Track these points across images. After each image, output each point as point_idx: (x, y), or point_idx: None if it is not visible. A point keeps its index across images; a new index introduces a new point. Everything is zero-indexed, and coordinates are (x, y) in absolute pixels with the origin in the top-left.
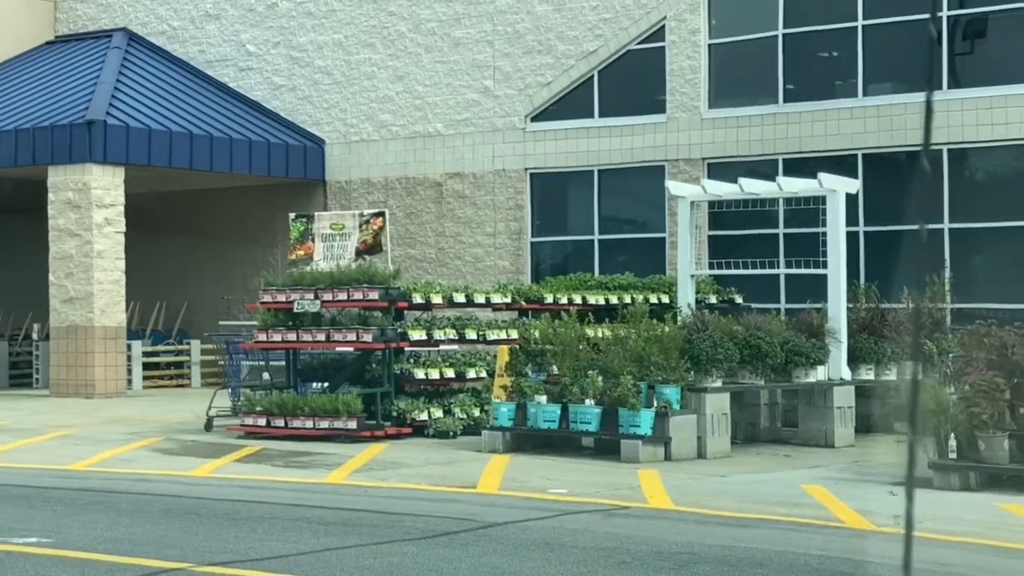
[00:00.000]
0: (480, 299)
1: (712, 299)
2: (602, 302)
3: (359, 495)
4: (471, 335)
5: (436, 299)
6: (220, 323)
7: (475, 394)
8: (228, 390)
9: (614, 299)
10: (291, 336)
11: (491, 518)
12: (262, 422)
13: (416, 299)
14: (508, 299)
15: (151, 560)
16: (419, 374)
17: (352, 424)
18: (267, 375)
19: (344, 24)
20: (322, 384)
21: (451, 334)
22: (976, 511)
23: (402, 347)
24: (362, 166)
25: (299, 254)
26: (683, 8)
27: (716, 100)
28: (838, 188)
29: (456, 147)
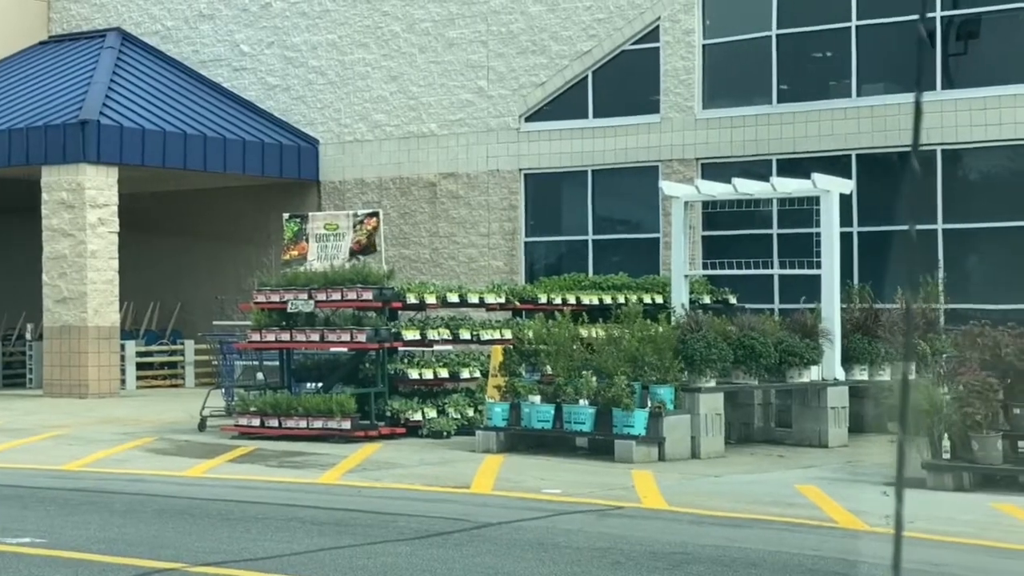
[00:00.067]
0: (474, 299)
1: (706, 299)
2: (596, 302)
3: (353, 495)
4: (465, 335)
5: (430, 299)
6: (214, 323)
7: (469, 394)
8: (222, 390)
9: (608, 299)
10: (285, 336)
11: (485, 518)
12: (256, 422)
13: (410, 299)
14: (502, 299)
15: (144, 560)
16: (413, 374)
17: (346, 424)
18: (261, 375)
19: (338, 24)
20: (316, 384)
21: (445, 334)
22: (970, 511)
23: (396, 347)
24: (356, 166)
25: (293, 254)
26: (677, 8)
27: (710, 100)
28: (832, 188)
29: (450, 147)
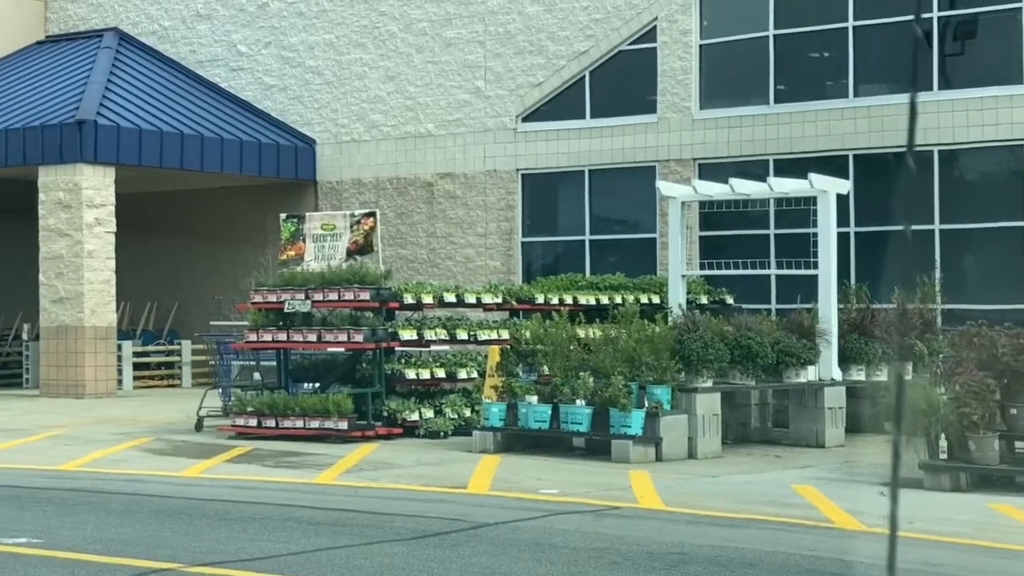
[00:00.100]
0: (471, 299)
1: (703, 299)
2: (593, 302)
3: (350, 495)
4: (462, 335)
5: (427, 299)
6: (211, 323)
7: (466, 394)
8: (219, 390)
9: (605, 299)
10: (282, 336)
11: (482, 518)
12: (253, 422)
13: (407, 299)
14: (499, 299)
15: (141, 560)
16: (410, 374)
17: (343, 424)
18: (258, 375)
19: (335, 24)
20: (313, 384)
21: (442, 334)
22: (966, 511)
23: (393, 347)
24: (353, 166)
25: (290, 254)
26: (674, 9)
27: (707, 101)
28: (829, 189)
29: (447, 147)
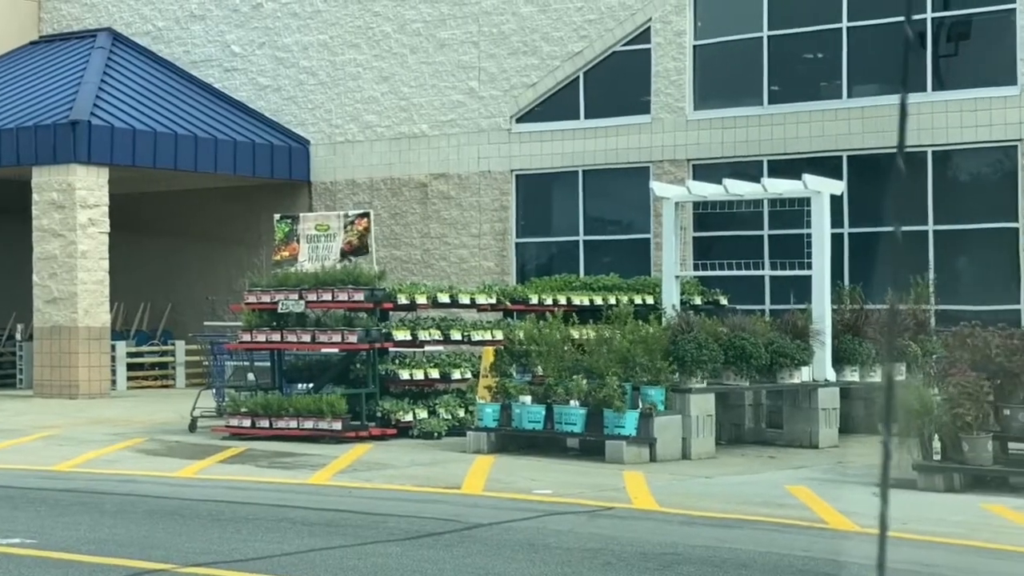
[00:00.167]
0: (465, 300)
1: (697, 300)
2: (587, 303)
3: (343, 496)
4: (456, 336)
5: (421, 300)
6: (205, 324)
7: (460, 395)
8: (212, 391)
9: (599, 300)
10: (276, 337)
11: (475, 519)
12: (247, 423)
13: (401, 300)
14: (493, 300)
15: (135, 561)
16: (404, 375)
17: (337, 425)
18: (252, 376)
19: (329, 25)
20: (307, 385)
21: (436, 335)
22: (960, 512)
23: (387, 348)
24: (347, 167)
25: (284, 255)
26: (668, 10)
27: (701, 101)
28: (823, 189)
29: (441, 148)
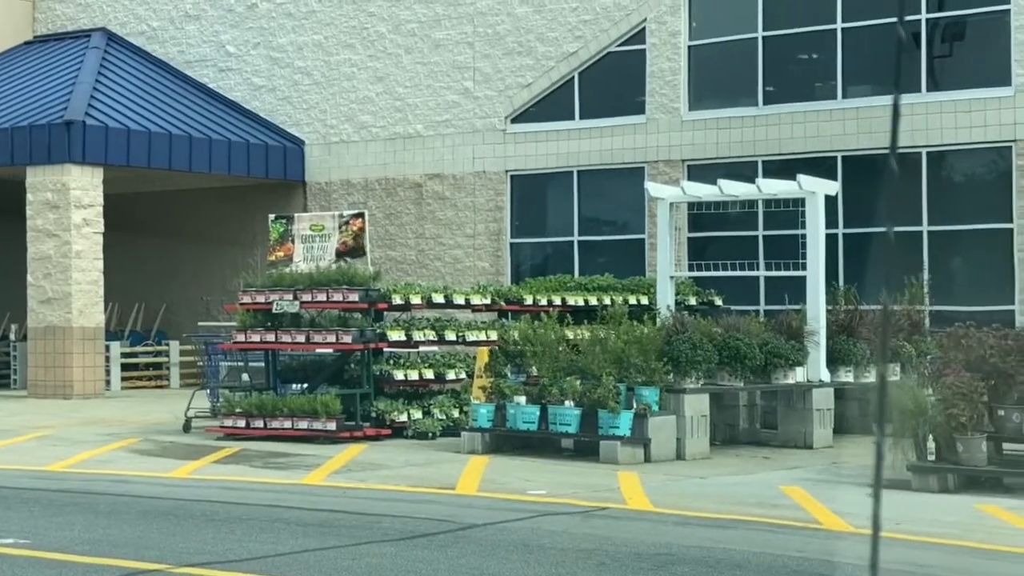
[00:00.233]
0: (460, 300)
1: (691, 301)
2: (581, 303)
3: (338, 496)
4: (451, 336)
5: (416, 300)
6: (199, 324)
7: (454, 395)
8: (207, 391)
9: (593, 300)
10: (270, 337)
11: (470, 519)
12: (241, 423)
13: (396, 300)
14: (488, 300)
15: (129, 561)
16: (398, 375)
17: (331, 425)
18: (246, 376)
19: (324, 25)
20: (301, 385)
21: (431, 335)
22: (954, 512)
23: (381, 348)
24: (342, 167)
25: (279, 255)
26: (663, 10)
27: (696, 102)
28: (817, 190)
29: (436, 148)
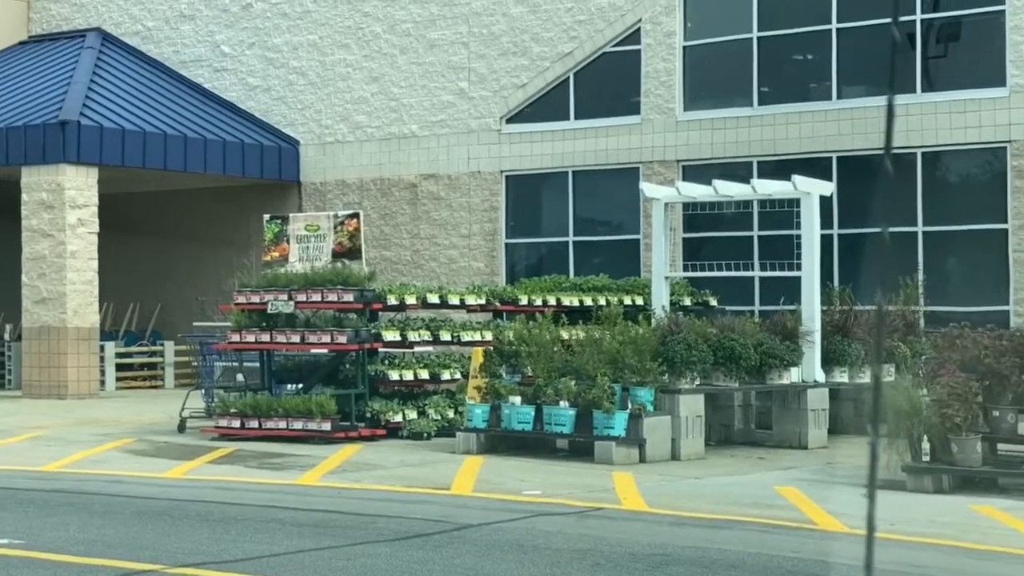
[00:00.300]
0: (454, 300)
1: (686, 301)
2: (576, 304)
3: (333, 496)
4: (445, 336)
5: (411, 300)
6: (194, 324)
7: (449, 395)
8: (202, 391)
9: (588, 301)
10: (265, 337)
11: (465, 519)
12: (236, 423)
13: (391, 300)
14: (482, 300)
15: (124, 562)
16: (393, 375)
17: (326, 425)
18: (241, 376)
19: (319, 25)
20: (296, 385)
21: (425, 335)
22: (949, 513)
23: (376, 348)
24: (337, 167)
25: (274, 255)
26: (658, 11)
27: (691, 102)
28: (812, 190)
29: (431, 148)
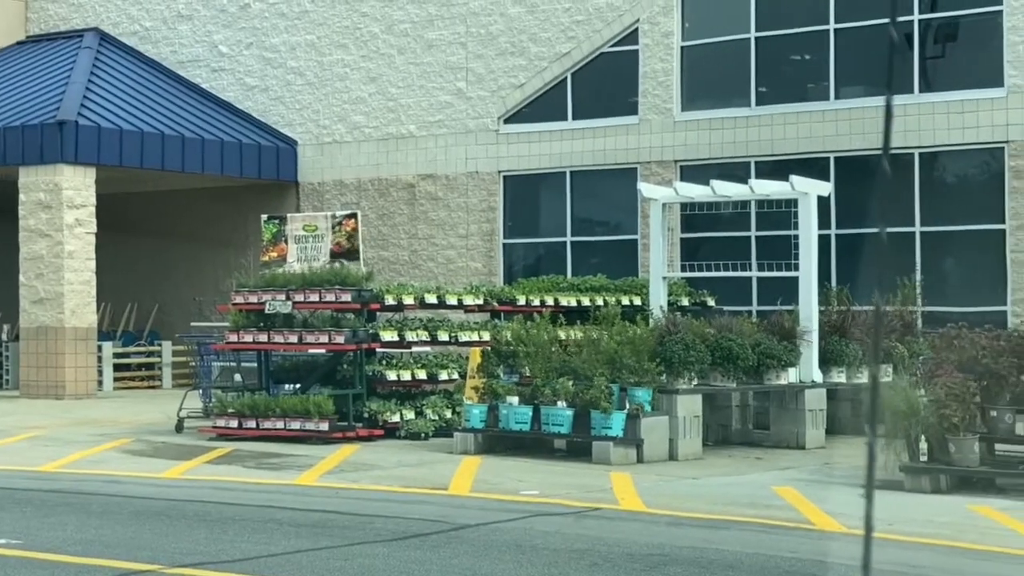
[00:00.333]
0: (452, 301)
1: (684, 301)
2: (574, 304)
3: (330, 497)
4: (443, 337)
5: (408, 300)
6: (192, 324)
7: (447, 396)
8: (199, 391)
9: (586, 301)
10: (263, 337)
11: (462, 520)
12: (233, 423)
13: (388, 300)
14: (480, 301)
15: (121, 562)
16: (391, 375)
17: (324, 426)
18: (239, 376)
19: (317, 25)
20: (294, 385)
21: (423, 336)
22: (946, 513)
23: (374, 348)
24: (335, 167)
25: (272, 256)
26: (656, 11)
27: (689, 102)
28: (810, 191)
29: (429, 149)
